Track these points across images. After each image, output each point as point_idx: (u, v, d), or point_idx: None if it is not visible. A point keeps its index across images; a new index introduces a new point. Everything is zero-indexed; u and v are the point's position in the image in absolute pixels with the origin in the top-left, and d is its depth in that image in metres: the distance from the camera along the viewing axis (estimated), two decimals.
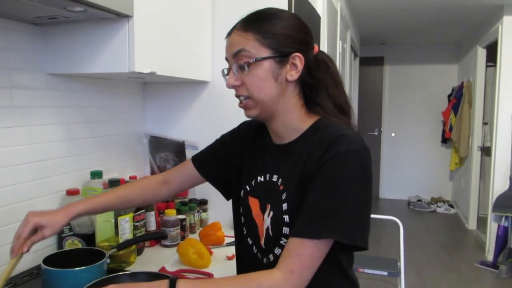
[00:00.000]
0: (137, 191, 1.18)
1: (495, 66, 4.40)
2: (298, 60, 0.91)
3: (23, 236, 0.98)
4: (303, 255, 0.83)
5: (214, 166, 1.14)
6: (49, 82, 1.41)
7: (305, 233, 0.83)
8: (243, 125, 1.14)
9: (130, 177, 1.70)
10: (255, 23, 0.91)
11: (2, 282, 0.96)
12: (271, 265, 0.94)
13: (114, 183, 1.44)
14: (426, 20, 4.80)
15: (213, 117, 1.87)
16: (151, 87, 1.97)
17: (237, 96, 0.96)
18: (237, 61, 0.91)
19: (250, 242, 1.03)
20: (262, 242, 0.98)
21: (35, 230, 1.00)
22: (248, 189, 1.03)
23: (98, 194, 1.14)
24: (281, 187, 0.94)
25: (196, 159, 1.17)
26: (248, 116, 0.98)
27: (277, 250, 0.94)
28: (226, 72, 0.97)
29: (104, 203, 1.11)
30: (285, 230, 0.91)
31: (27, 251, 0.99)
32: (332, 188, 0.84)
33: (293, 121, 0.96)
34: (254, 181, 1.01)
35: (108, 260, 1.19)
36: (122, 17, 1.25)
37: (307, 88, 0.96)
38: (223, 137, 1.17)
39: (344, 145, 0.85)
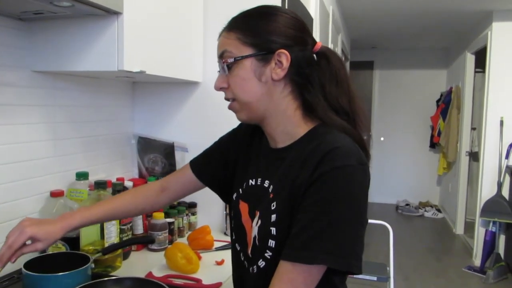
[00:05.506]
0: (134, 201, 1.14)
1: (483, 72, 4.44)
2: (283, 57, 0.85)
3: (15, 247, 0.94)
4: (296, 281, 0.77)
5: (212, 169, 1.10)
6: (34, 79, 1.36)
7: (298, 257, 0.77)
8: (242, 124, 1.09)
9: (117, 179, 1.66)
10: (239, 22, 0.88)
11: None
12: (257, 275, 0.91)
13: (100, 184, 1.39)
14: (416, 26, 4.84)
15: (203, 119, 1.84)
16: (141, 87, 1.93)
17: (226, 99, 0.92)
18: (222, 62, 0.89)
19: (238, 248, 0.98)
20: (249, 250, 0.93)
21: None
22: (240, 192, 0.99)
23: (95, 204, 1.10)
24: (271, 195, 0.88)
25: (194, 164, 1.12)
26: (239, 120, 0.94)
27: (261, 263, 0.89)
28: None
29: (101, 214, 1.07)
30: (271, 243, 0.86)
31: (14, 261, 0.95)
32: (326, 208, 0.77)
33: (286, 124, 0.90)
34: (245, 184, 0.97)
35: (93, 265, 1.15)
36: (111, 13, 1.21)
37: (298, 87, 0.89)
38: (221, 138, 1.13)
39: (338, 159, 0.78)
